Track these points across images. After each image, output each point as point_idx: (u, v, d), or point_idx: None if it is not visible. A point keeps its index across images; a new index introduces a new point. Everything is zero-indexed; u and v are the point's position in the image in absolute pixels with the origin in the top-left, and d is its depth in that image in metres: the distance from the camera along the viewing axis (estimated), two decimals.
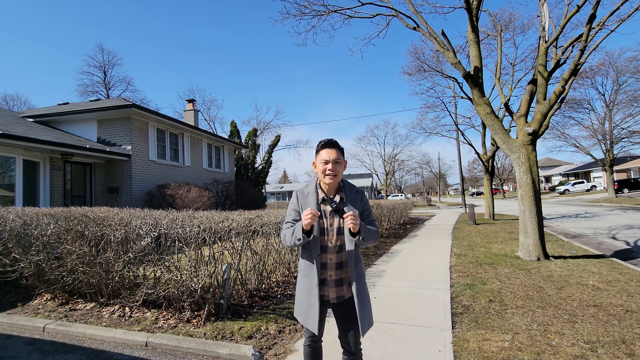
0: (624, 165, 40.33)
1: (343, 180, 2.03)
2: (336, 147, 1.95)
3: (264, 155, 25.18)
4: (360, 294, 1.90)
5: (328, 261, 1.93)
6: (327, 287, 1.94)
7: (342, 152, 1.99)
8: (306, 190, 2.02)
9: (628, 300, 3.91)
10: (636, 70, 23.18)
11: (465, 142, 17.97)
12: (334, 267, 1.93)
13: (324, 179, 1.94)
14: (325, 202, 1.96)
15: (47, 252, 4.22)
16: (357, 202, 1.97)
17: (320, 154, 1.95)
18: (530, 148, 6.60)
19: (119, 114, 11.41)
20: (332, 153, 1.92)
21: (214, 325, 3.42)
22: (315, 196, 1.96)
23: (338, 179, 1.95)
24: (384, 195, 48.59)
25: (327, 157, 1.91)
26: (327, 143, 1.95)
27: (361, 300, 1.89)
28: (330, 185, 1.97)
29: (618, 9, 6.35)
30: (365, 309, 1.91)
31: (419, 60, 17.69)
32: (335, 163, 1.91)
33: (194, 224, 3.81)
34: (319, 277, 1.90)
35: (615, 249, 7.67)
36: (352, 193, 1.99)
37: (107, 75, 33.75)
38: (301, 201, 1.99)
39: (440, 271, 5.73)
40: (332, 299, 1.94)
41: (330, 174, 1.91)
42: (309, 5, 8.93)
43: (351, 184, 2.06)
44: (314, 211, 1.78)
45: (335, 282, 1.94)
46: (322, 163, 1.92)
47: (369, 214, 2.02)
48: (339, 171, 1.93)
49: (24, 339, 3.40)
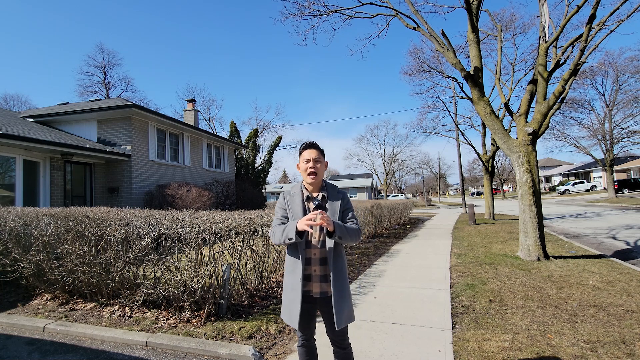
0: (624, 165, 40.33)
1: (326, 182, 2.18)
2: (316, 148, 2.13)
3: (264, 156, 25.18)
4: (338, 289, 1.96)
5: (312, 256, 2.01)
6: (311, 283, 2.01)
7: (323, 153, 2.15)
8: (292, 191, 2.17)
9: (628, 300, 3.91)
10: (636, 70, 23.18)
11: (465, 142, 17.98)
12: (318, 262, 2.00)
13: (307, 178, 2.09)
14: (309, 200, 2.10)
15: (47, 252, 4.22)
16: (338, 199, 2.09)
17: (303, 154, 2.11)
18: (530, 148, 6.60)
19: (119, 114, 11.41)
20: (312, 153, 2.09)
21: (214, 325, 3.42)
22: (301, 195, 2.10)
23: (320, 177, 2.11)
24: (384, 195, 48.58)
25: (309, 157, 2.08)
26: (308, 145, 2.13)
27: (338, 294, 1.95)
28: (313, 185, 2.11)
29: (618, 9, 6.35)
30: (342, 304, 1.96)
31: (419, 60, 17.71)
32: (316, 162, 2.08)
33: (194, 224, 3.81)
34: (303, 273, 1.98)
35: (615, 249, 7.67)
36: (334, 192, 2.13)
37: (107, 75, 33.75)
38: (288, 200, 2.13)
39: (441, 271, 5.73)
40: (316, 293, 2.00)
41: (312, 172, 2.06)
42: (309, 5, 8.94)
43: (333, 185, 2.20)
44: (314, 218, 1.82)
45: (320, 277, 2.00)
46: (304, 162, 2.09)
47: (350, 212, 2.13)
48: (319, 169, 2.09)
49: (24, 339, 3.40)
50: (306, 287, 2.00)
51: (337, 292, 1.95)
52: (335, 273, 1.97)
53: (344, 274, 2.05)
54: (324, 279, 2.00)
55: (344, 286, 2.01)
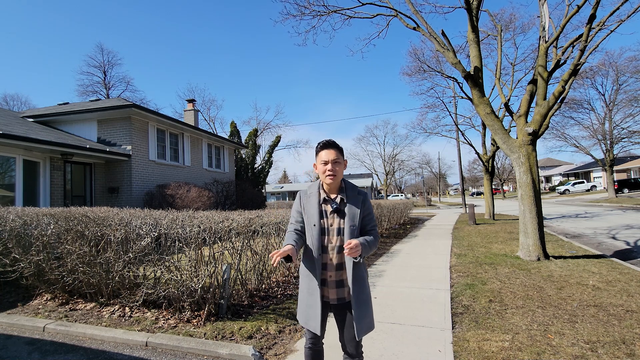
0: (624, 165, 40.33)
1: (345, 181, 2.05)
2: (335, 148, 1.98)
3: (264, 156, 25.18)
4: (358, 296, 1.88)
5: (328, 262, 1.93)
6: (327, 288, 1.94)
7: (342, 152, 2.02)
8: (309, 191, 2.05)
9: (628, 300, 3.91)
10: (636, 70, 23.19)
11: (465, 142, 17.98)
12: (334, 268, 1.92)
13: (325, 180, 1.97)
14: (326, 203, 1.98)
15: (47, 252, 4.22)
16: (358, 202, 1.97)
17: (320, 155, 1.98)
18: (530, 148, 6.60)
19: (119, 114, 11.41)
20: (331, 154, 1.95)
21: (214, 325, 3.42)
22: (317, 197, 1.99)
23: (338, 179, 1.98)
24: (384, 195, 48.59)
25: (327, 158, 1.94)
26: (325, 144, 1.98)
27: (358, 302, 1.88)
28: (331, 186, 1.99)
29: (618, 9, 6.35)
30: (363, 312, 1.90)
31: (419, 60, 17.71)
32: (335, 163, 1.95)
33: (194, 224, 3.81)
34: (320, 278, 1.91)
35: (615, 249, 7.67)
36: (353, 194, 1.99)
37: (107, 75, 33.77)
38: (304, 202, 2.02)
39: (441, 271, 5.73)
40: (332, 300, 1.93)
41: (330, 174, 1.93)
42: (309, 6, 8.94)
43: (353, 185, 2.07)
44: (277, 255, 1.72)
45: (335, 283, 1.93)
46: (322, 164, 1.96)
47: (371, 219, 2.01)
48: (338, 171, 1.96)
49: (24, 339, 3.40)
50: (322, 292, 1.92)
51: (357, 300, 1.87)
52: (354, 280, 1.88)
53: (365, 280, 1.96)
54: (340, 284, 1.93)
55: (364, 294, 1.93)
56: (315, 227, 1.91)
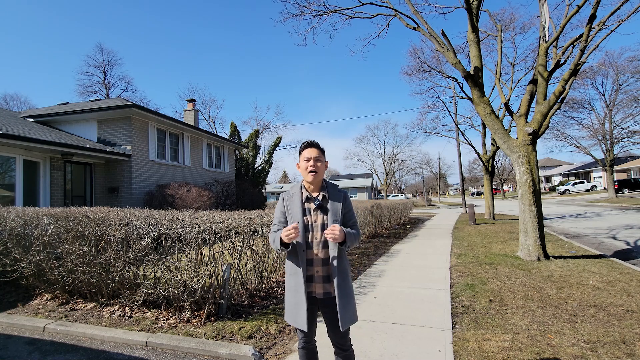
0: (624, 165, 40.32)
1: (326, 181, 2.14)
2: (317, 147, 2.10)
3: (264, 156, 25.17)
4: (342, 289, 1.95)
5: (314, 257, 1.99)
6: (314, 284, 1.99)
7: (323, 152, 2.12)
8: (291, 191, 2.13)
9: (628, 300, 3.91)
10: (636, 70, 23.18)
11: (465, 142, 17.97)
12: (321, 263, 1.98)
13: (307, 177, 2.05)
14: (309, 201, 2.06)
15: (47, 252, 4.22)
16: (340, 199, 2.06)
17: (303, 153, 2.09)
18: (530, 148, 6.60)
19: (119, 114, 11.42)
20: (313, 152, 2.06)
21: (214, 325, 3.42)
22: (300, 196, 2.07)
23: (320, 176, 2.07)
24: (384, 195, 48.57)
25: (309, 155, 2.05)
26: (308, 144, 2.10)
27: (342, 295, 1.94)
28: (313, 184, 2.07)
29: (618, 9, 6.35)
30: (347, 304, 1.96)
31: (419, 60, 17.69)
32: (317, 160, 2.05)
33: (194, 224, 3.81)
34: (306, 274, 1.96)
35: (615, 249, 7.67)
36: (335, 191, 2.09)
37: (107, 75, 33.78)
38: (287, 202, 2.10)
39: (441, 271, 5.73)
40: (319, 294, 1.98)
41: (312, 170, 2.03)
42: (310, 6, 8.94)
43: (334, 184, 2.16)
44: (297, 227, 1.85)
45: (322, 278, 1.99)
46: (304, 161, 2.06)
47: (352, 215, 2.11)
48: (320, 167, 2.06)
49: (24, 339, 3.40)
50: (309, 289, 1.98)
51: (341, 292, 1.94)
52: (339, 274, 1.95)
53: (347, 274, 2.03)
54: (327, 279, 1.98)
55: (347, 287, 1.99)
56: (299, 224, 1.97)
